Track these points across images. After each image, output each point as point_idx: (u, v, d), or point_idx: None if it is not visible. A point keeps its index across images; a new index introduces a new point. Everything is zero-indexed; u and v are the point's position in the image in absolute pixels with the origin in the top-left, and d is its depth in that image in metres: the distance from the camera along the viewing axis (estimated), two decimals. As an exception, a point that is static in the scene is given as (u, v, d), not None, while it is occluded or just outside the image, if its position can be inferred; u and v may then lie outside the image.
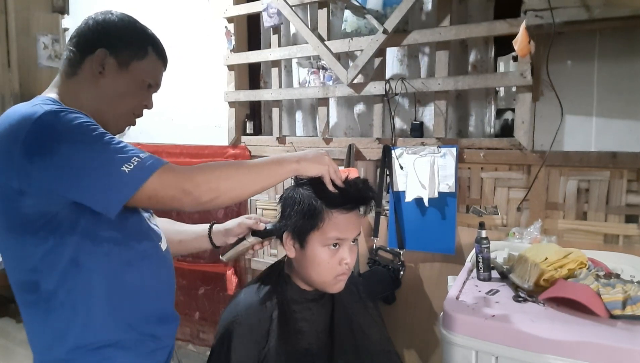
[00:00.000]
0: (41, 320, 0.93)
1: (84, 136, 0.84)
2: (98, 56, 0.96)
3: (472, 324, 1.09)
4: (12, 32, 3.00)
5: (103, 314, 0.93)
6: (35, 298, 0.91)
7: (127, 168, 0.83)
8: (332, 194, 1.04)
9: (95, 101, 0.97)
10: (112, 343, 0.93)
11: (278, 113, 2.32)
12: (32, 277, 0.90)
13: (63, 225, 0.87)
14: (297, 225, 1.06)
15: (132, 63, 1.00)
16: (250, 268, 2.52)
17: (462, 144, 1.84)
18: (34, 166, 0.81)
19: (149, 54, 1.02)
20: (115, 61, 0.98)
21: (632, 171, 1.57)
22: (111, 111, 1.00)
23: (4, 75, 3.04)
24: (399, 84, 1.91)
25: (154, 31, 1.06)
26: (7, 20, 3.00)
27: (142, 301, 0.98)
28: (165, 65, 1.09)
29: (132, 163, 0.83)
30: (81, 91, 0.97)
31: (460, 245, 1.86)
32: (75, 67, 0.98)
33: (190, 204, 0.89)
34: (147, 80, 1.03)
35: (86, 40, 0.98)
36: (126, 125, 1.05)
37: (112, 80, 0.98)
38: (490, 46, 1.91)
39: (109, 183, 0.83)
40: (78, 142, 0.83)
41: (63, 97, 0.96)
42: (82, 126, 0.85)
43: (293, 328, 1.09)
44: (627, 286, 1.11)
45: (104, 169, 0.83)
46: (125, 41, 0.99)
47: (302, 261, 1.09)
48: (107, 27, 0.99)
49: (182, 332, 2.79)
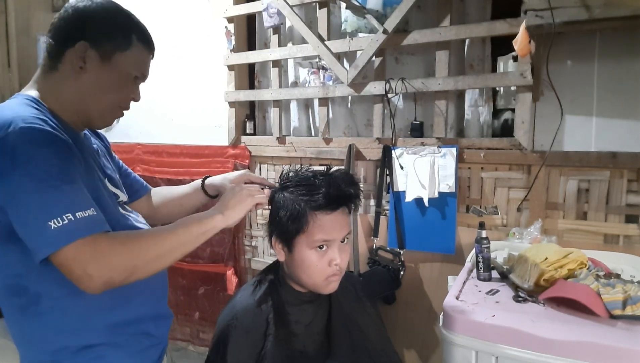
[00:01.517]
0: (30, 323, 0.90)
1: (38, 171, 0.78)
2: (78, 49, 0.90)
3: (472, 324, 1.09)
4: (12, 32, 3.00)
5: (95, 317, 0.91)
6: (25, 302, 0.88)
7: (54, 224, 0.76)
8: (314, 196, 1.03)
9: (77, 96, 0.92)
10: (103, 342, 0.92)
11: (278, 113, 2.32)
12: (20, 282, 0.88)
13: None
14: (283, 229, 1.06)
15: (116, 55, 0.92)
16: (250, 268, 2.52)
17: (462, 144, 1.84)
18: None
19: (134, 43, 0.95)
20: (97, 54, 0.91)
21: (632, 171, 1.57)
22: (95, 106, 0.94)
23: (4, 75, 3.04)
24: (399, 84, 1.91)
25: (154, 33, 1.02)
26: (7, 20, 3.00)
27: (135, 302, 0.97)
28: (153, 53, 1.01)
29: (62, 220, 0.77)
30: (62, 87, 0.92)
31: (460, 245, 1.86)
32: (55, 61, 0.92)
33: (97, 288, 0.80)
34: (132, 72, 0.96)
35: (65, 32, 0.92)
36: (113, 119, 1.00)
37: (94, 75, 0.91)
38: (487, 44, 1.91)
39: (32, 234, 0.78)
40: (28, 177, 0.77)
41: (44, 94, 0.91)
42: (44, 158, 0.79)
43: (288, 330, 1.09)
44: (627, 286, 1.11)
45: (33, 216, 0.77)
46: (107, 32, 0.92)
47: (292, 265, 1.09)
48: (87, 17, 0.92)
49: (182, 332, 2.79)
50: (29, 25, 3.07)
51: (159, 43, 1.06)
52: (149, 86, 1.09)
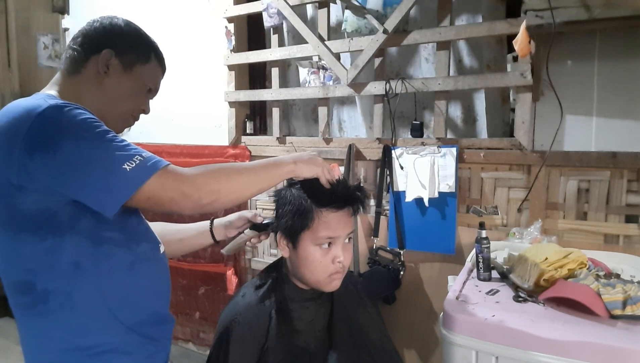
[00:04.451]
0: (38, 323, 0.91)
1: (87, 132, 0.83)
2: (104, 55, 0.98)
3: (472, 324, 1.09)
4: (12, 32, 3.00)
5: (102, 317, 0.91)
6: (32, 300, 0.89)
7: (128, 166, 0.82)
8: (321, 193, 1.05)
9: (96, 100, 0.98)
10: (111, 348, 0.92)
11: (278, 113, 2.32)
12: (29, 278, 0.88)
13: (63, 224, 0.86)
14: (289, 225, 1.07)
15: (136, 66, 1.02)
16: (250, 268, 2.52)
17: (462, 144, 1.84)
18: (34, 162, 0.80)
19: (152, 59, 1.05)
20: (119, 63, 0.99)
21: (632, 171, 1.56)
22: (112, 111, 1.00)
23: (4, 75, 3.04)
24: (399, 84, 1.91)
25: (154, 33, 1.08)
26: (7, 20, 3.00)
27: (141, 304, 0.98)
28: (164, 72, 1.12)
29: (134, 162, 0.82)
30: (83, 90, 0.98)
31: (460, 245, 1.86)
32: (78, 66, 0.98)
33: (189, 207, 0.88)
34: (148, 84, 1.05)
35: (92, 40, 0.99)
36: (125, 127, 1.06)
37: (115, 80, 0.99)
38: (503, 45, 1.91)
39: (109, 182, 0.82)
40: (81, 138, 0.82)
41: (64, 94, 0.95)
42: (85, 121, 0.84)
43: (290, 326, 1.09)
44: (627, 286, 1.11)
45: (105, 167, 0.82)
46: (131, 45, 1.01)
47: (296, 261, 1.10)
48: (114, 30, 1.01)
49: (182, 332, 2.79)
50: (29, 25, 3.06)
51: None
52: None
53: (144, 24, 1.09)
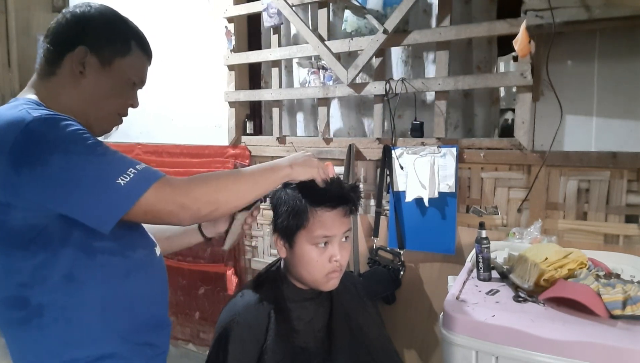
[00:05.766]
0: (32, 337, 0.87)
1: (76, 145, 0.78)
2: (78, 54, 0.89)
3: (472, 324, 1.09)
4: (12, 32, 3.01)
5: (99, 327, 0.89)
6: (25, 315, 0.85)
7: (122, 181, 0.78)
8: (315, 192, 1.05)
9: (76, 102, 0.91)
10: (109, 354, 0.90)
11: (278, 113, 2.32)
12: (22, 293, 0.84)
13: (55, 237, 0.82)
14: (284, 225, 1.08)
15: (115, 61, 0.93)
16: (250, 268, 2.52)
17: (462, 144, 1.84)
18: (21, 178, 0.76)
19: (133, 49, 0.95)
20: (96, 60, 0.91)
21: (632, 171, 1.56)
22: (94, 112, 0.93)
23: (4, 75, 3.04)
24: (399, 84, 1.91)
25: (154, 33, 1.04)
26: (7, 20, 3.00)
27: (138, 311, 0.95)
28: (150, 59, 1.02)
29: (128, 176, 0.79)
30: (61, 93, 0.90)
31: (460, 245, 1.86)
32: (53, 66, 0.91)
33: (189, 219, 0.85)
34: (132, 78, 0.96)
35: (64, 36, 0.90)
36: (111, 126, 0.99)
37: (94, 80, 0.91)
38: (493, 45, 1.91)
39: (103, 198, 0.78)
40: (70, 152, 0.77)
41: (42, 99, 0.89)
42: (74, 134, 0.79)
43: (289, 326, 1.09)
44: (627, 286, 1.11)
45: (98, 182, 0.78)
46: (107, 37, 0.92)
47: (293, 261, 1.10)
48: (87, 23, 0.91)
49: (182, 332, 2.79)
50: (29, 25, 3.07)
51: (159, 43, 1.07)
52: (149, 86, 1.09)
53: (144, 24, 1.07)
